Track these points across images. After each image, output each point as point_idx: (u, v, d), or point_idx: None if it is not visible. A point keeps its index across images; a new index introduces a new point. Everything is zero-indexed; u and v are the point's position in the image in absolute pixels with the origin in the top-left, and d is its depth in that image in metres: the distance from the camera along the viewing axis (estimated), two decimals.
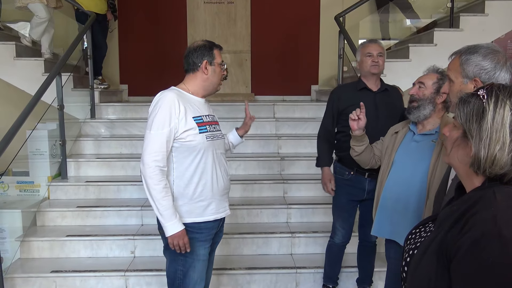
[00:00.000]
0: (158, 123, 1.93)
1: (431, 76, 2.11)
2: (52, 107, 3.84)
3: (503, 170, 0.96)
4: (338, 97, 2.75)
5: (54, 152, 3.93)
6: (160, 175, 1.93)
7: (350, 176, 2.71)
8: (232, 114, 4.70)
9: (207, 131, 2.04)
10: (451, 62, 1.50)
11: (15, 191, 3.72)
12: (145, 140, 1.97)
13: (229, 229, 3.39)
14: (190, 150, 1.99)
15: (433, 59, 4.58)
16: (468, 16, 4.71)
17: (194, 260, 2.06)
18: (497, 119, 0.95)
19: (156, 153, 1.93)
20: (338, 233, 2.83)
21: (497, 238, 0.87)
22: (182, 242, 1.97)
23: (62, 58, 3.96)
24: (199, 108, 2.06)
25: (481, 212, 0.92)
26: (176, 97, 1.97)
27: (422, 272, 1.00)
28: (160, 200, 1.92)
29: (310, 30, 5.99)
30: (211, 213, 2.08)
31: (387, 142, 2.29)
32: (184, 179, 2.01)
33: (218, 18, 5.91)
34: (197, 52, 2.07)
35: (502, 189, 0.96)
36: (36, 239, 3.28)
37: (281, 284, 3.11)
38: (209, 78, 2.08)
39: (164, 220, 1.95)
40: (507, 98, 0.96)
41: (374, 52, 2.62)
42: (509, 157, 0.94)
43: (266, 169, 4.08)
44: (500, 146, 0.94)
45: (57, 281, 3.02)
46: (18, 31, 5.11)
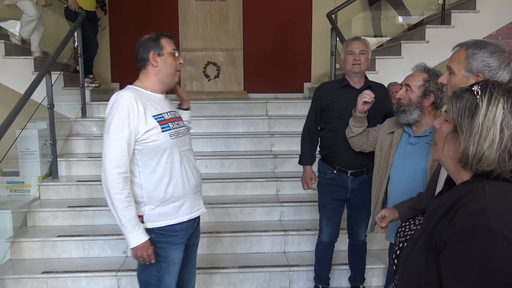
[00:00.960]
0: (117, 126, 1.81)
1: (418, 78, 2.07)
2: (42, 106, 3.80)
3: (490, 167, 0.95)
4: (321, 94, 2.74)
5: (45, 151, 3.89)
6: (122, 183, 1.81)
7: (333, 175, 2.70)
8: (224, 112, 4.69)
9: (170, 128, 1.94)
10: (455, 53, 1.47)
11: (5, 191, 3.68)
12: (104, 145, 1.84)
13: (221, 228, 3.39)
14: (154, 151, 1.89)
15: (425, 56, 4.62)
16: (459, 13, 4.73)
17: (169, 265, 1.97)
18: (489, 116, 0.95)
19: (117, 159, 1.81)
20: (324, 232, 2.83)
21: (485, 230, 0.88)
22: (146, 253, 1.87)
23: (52, 57, 3.92)
24: (158, 105, 1.96)
25: (469, 205, 0.93)
26: (133, 96, 1.86)
27: (412, 264, 1.01)
28: (122, 210, 1.81)
29: (303, 28, 5.98)
30: (185, 213, 1.99)
31: (382, 140, 2.26)
32: (152, 182, 1.90)
33: (210, 16, 5.87)
34: (142, 46, 1.96)
35: (491, 183, 0.96)
36: (27, 240, 3.24)
37: (274, 283, 3.10)
38: (161, 70, 1.96)
39: (126, 231, 1.83)
40: (500, 96, 0.95)
41: (356, 50, 2.60)
42: (497, 155, 0.94)
43: (259, 167, 4.07)
44: (489, 144, 0.94)
45: (48, 282, 2.99)
46: (7, 29, 5.05)
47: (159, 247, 1.93)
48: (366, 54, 2.63)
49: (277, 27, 5.96)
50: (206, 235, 3.29)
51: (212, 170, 4.04)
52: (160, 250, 1.94)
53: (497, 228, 0.87)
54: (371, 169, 2.63)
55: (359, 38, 2.71)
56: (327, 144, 2.72)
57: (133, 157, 1.88)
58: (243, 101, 5.00)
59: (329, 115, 2.68)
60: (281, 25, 5.97)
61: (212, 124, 4.50)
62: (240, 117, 4.59)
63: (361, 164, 2.63)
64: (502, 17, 4.72)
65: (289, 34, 5.96)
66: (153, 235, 1.92)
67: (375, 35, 6.00)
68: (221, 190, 3.80)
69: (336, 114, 2.63)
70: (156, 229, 1.93)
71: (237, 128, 4.52)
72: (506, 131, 0.94)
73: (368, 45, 2.68)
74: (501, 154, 0.94)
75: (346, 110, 2.49)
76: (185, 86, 5.83)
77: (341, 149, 2.63)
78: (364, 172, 2.66)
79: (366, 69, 2.65)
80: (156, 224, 1.92)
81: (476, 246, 0.88)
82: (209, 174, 3.98)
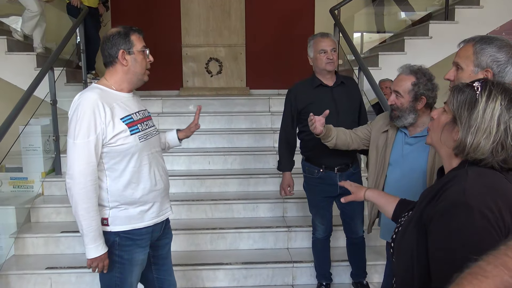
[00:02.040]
0: (83, 131, 1.70)
1: (405, 82, 2.00)
2: (45, 102, 3.80)
3: (483, 156, 1.06)
4: (295, 96, 2.70)
5: (48, 147, 3.89)
6: (90, 192, 1.73)
7: (320, 174, 2.69)
8: (227, 108, 4.69)
9: (139, 130, 1.84)
10: (462, 49, 1.48)
11: (8, 187, 3.69)
12: (69, 151, 1.74)
13: (225, 224, 3.39)
14: (122, 155, 1.79)
15: (428, 52, 4.63)
16: (463, 8, 4.70)
17: (132, 266, 1.90)
18: (487, 111, 1.05)
19: (85, 166, 1.71)
20: (318, 229, 2.83)
21: (463, 207, 0.99)
22: (102, 264, 1.80)
23: (55, 53, 3.91)
24: (127, 105, 1.85)
25: (453, 186, 1.05)
26: (98, 98, 1.74)
27: (406, 242, 1.13)
28: (88, 219, 1.72)
29: (305, 23, 5.95)
30: (151, 217, 1.92)
31: (377, 139, 2.20)
32: (119, 186, 1.82)
33: (212, 11, 5.85)
34: (111, 42, 1.82)
35: (474, 168, 1.07)
36: (30, 236, 3.25)
37: (277, 279, 3.10)
38: (130, 69, 1.85)
39: (88, 241, 1.75)
40: (499, 94, 1.05)
41: (328, 48, 2.57)
42: (491, 146, 1.05)
43: (261, 163, 4.07)
44: (486, 136, 1.05)
45: (52, 278, 3.00)
46: (10, 25, 5.04)
47: (124, 250, 1.87)
48: (337, 51, 2.63)
49: (279, 23, 5.94)
50: (210, 231, 3.29)
51: (215, 166, 4.03)
52: (124, 253, 1.87)
53: (475, 205, 0.98)
54: (353, 161, 2.68)
55: (328, 34, 2.66)
56: (310, 145, 2.68)
57: (100, 161, 1.78)
58: (245, 97, 4.99)
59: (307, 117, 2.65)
60: (284, 21, 5.95)
61: (215, 120, 4.50)
62: (243, 113, 4.58)
63: (347, 159, 2.64)
64: (505, 12, 4.69)
65: (292, 30, 5.94)
66: (118, 238, 1.85)
67: (378, 31, 5.99)
68: (224, 186, 3.80)
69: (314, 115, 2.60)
70: (121, 233, 1.85)
71: (240, 124, 4.52)
72: (502, 125, 1.04)
73: (336, 42, 2.68)
74: (495, 145, 1.05)
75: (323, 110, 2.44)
76: (187, 82, 5.82)
77: (324, 150, 2.56)
78: (349, 166, 2.67)
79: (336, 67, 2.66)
80: (121, 228, 1.85)
81: (456, 221, 0.99)
82: (212, 170, 3.98)
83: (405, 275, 1.13)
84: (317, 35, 2.66)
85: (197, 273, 3.05)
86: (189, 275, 3.03)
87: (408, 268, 1.11)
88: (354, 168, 2.73)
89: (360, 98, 2.76)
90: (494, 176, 1.06)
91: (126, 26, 1.88)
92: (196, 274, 3.05)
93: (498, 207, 0.98)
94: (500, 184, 1.04)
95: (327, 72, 2.61)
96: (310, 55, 2.67)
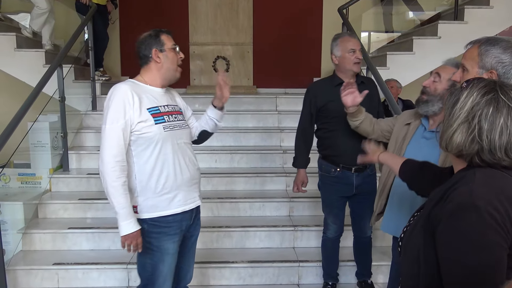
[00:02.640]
0: (113, 116, 1.88)
1: (449, 71, 1.97)
2: (53, 99, 3.82)
3: (457, 150, 1.10)
4: (314, 94, 2.69)
5: (56, 144, 3.92)
6: (118, 171, 1.87)
7: (337, 173, 2.67)
8: (234, 106, 4.68)
9: (164, 121, 1.98)
10: (468, 51, 1.47)
11: (16, 183, 3.71)
12: (102, 136, 1.91)
13: (231, 222, 3.40)
14: (147, 142, 1.94)
15: (437, 52, 4.60)
16: (473, 8, 4.67)
17: (163, 254, 2.01)
18: (461, 105, 1.09)
19: (113, 148, 1.87)
20: (330, 228, 2.82)
21: (471, 208, 0.99)
22: (135, 242, 1.91)
23: (64, 50, 3.93)
24: (156, 98, 2.01)
25: (460, 187, 1.05)
26: (129, 88, 1.93)
27: (413, 243, 1.14)
28: (117, 197, 1.86)
29: (313, 22, 5.94)
30: (178, 205, 2.02)
31: (398, 131, 2.19)
32: (145, 173, 1.96)
33: (220, 10, 5.85)
34: (144, 44, 2.02)
35: (482, 170, 1.08)
36: (38, 231, 3.27)
37: (283, 278, 3.10)
38: (163, 65, 2.03)
39: (120, 219, 1.89)
40: (476, 89, 1.08)
41: (357, 48, 2.55)
42: (462, 138, 1.08)
43: (268, 162, 4.07)
44: (453, 128, 1.09)
45: (59, 274, 3.02)
46: (19, 22, 5.08)
47: (152, 237, 1.98)
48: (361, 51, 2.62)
49: (287, 21, 5.93)
50: (216, 230, 3.30)
51: (222, 164, 4.04)
52: (153, 240, 1.99)
53: (482, 206, 0.98)
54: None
55: (354, 34, 2.67)
56: (327, 143, 2.68)
57: (128, 148, 1.93)
58: (252, 96, 4.99)
59: (326, 115, 2.64)
60: (291, 19, 5.94)
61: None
62: (250, 112, 4.59)
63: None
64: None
65: (299, 28, 5.93)
66: (145, 225, 1.97)
67: (386, 31, 5.96)
68: (231, 184, 3.81)
69: (334, 114, 2.59)
70: (148, 220, 1.97)
71: (247, 123, 4.52)
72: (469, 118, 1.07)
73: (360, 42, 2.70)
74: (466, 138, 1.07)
75: (343, 108, 2.44)
76: (194, 81, 5.83)
77: (342, 148, 2.61)
78: (366, 167, 2.65)
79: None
80: (148, 215, 1.97)
81: (464, 223, 0.99)
82: (218, 168, 3.99)
83: (411, 274, 1.15)
84: (345, 34, 2.65)
85: (203, 271, 3.06)
86: (195, 272, 2.99)
87: (414, 268, 1.12)
88: (371, 170, 2.71)
89: (378, 98, 2.75)
90: (503, 179, 1.06)
91: (156, 28, 2.08)
92: (202, 272, 3.06)
93: (504, 208, 0.99)
94: (509, 186, 1.05)
95: (353, 72, 2.59)
96: (336, 53, 2.61)
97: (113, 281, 3.04)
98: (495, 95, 1.06)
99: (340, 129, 2.56)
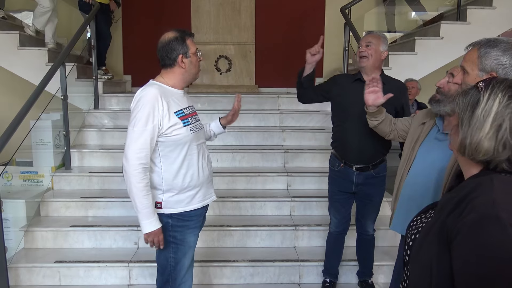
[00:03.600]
0: (142, 120, 1.92)
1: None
2: (55, 97, 3.83)
3: (486, 157, 1.02)
4: (334, 82, 2.73)
5: (58, 142, 3.93)
6: (142, 173, 1.93)
7: (340, 168, 2.71)
8: None
9: (189, 123, 2.05)
10: (468, 53, 1.47)
11: (19, 181, 3.73)
12: (128, 137, 1.96)
13: (232, 221, 3.40)
14: (176, 144, 2.00)
15: (439, 53, 4.59)
16: (475, 9, 4.66)
17: (186, 247, 2.11)
18: (486, 108, 1.02)
19: (139, 150, 1.92)
20: (332, 222, 2.87)
21: (494, 220, 0.93)
22: (157, 239, 2.00)
23: (66, 48, 3.94)
24: (179, 101, 2.05)
25: (480, 196, 0.98)
26: (158, 93, 1.95)
27: (424, 253, 1.06)
28: (141, 198, 1.93)
29: (315, 22, 5.94)
30: (199, 200, 2.12)
31: (414, 131, 2.16)
32: (172, 172, 2.02)
33: (223, 9, 5.86)
34: (169, 47, 2.01)
35: (499, 176, 1.02)
36: (40, 229, 3.28)
37: (284, 277, 3.11)
38: (187, 71, 2.06)
39: (142, 218, 1.96)
40: (500, 91, 1.01)
41: (363, 43, 2.53)
42: (491, 144, 1.01)
43: (270, 162, 4.07)
44: (483, 134, 1.01)
45: (61, 271, 3.03)
46: (22, 20, 5.08)
47: (176, 230, 2.07)
48: (375, 46, 2.50)
49: (289, 21, 5.93)
50: (217, 228, 3.31)
51: (223, 163, 4.05)
52: (177, 234, 2.07)
53: (506, 218, 0.92)
54: (378, 164, 2.64)
55: (372, 31, 2.63)
56: (336, 136, 2.74)
57: (155, 149, 1.99)
58: (254, 95, 4.99)
59: (337, 108, 2.67)
60: (294, 19, 5.94)
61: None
62: (252, 111, 4.59)
63: (367, 160, 2.62)
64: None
65: (302, 28, 5.92)
66: (170, 220, 2.05)
67: (389, 31, 5.95)
68: (232, 183, 3.81)
69: (344, 108, 2.61)
70: (173, 215, 2.05)
71: (249, 122, 4.52)
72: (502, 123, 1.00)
73: (380, 38, 2.55)
74: (496, 144, 1.00)
75: (354, 104, 2.47)
76: (196, 80, 5.82)
77: (347, 144, 2.63)
78: (369, 168, 2.64)
79: (377, 62, 2.52)
80: (173, 210, 2.05)
81: (486, 235, 0.93)
82: (220, 167, 3.99)
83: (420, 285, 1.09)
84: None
85: (204, 269, 3.07)
86: (196, 271, 3.03)
87: (425, 278, 1.06)
88: (376, 172, 2.65)
89: (399, 100, 2.54)
90: None
91: (179, 29, 2.05)
92: (203, 270, 3.07)
93: None
94: None
95: (362, 68, 2.56)
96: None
97: (114, 279, 3.05)
98: None
99: (348, 125, 2.58)
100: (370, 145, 2.55)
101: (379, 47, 2.52)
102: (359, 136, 2.54)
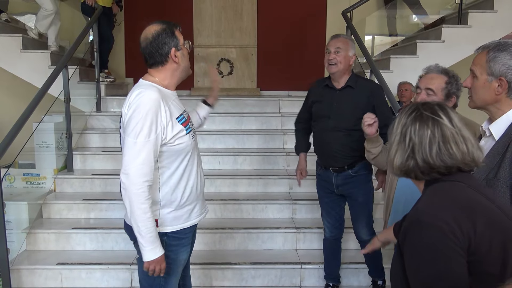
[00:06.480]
0: (145, 131, 1.65)
1: (439, 80, 1.95)
2: (58, 100, 3.85)
3: (400, 170, 1.20)
4: (310, 92, 2.77)
5: (60, 144, 3.94)
6: (147, 192, 1.67)
7: (321, 170, 2.76)
8: (237, 108, 4.70)
9: (190, 130, 1.84)
10: (477, 57, 1.45)
11: (21, 183, 3.74)
12: (128, 150, 1.67)
13: (234, 224, 3.41)
14: (177, 154, 1.77)
15: (440, 56, 4.60)
16: (477, 12, 4.67)
17: (178, 266, 1.90)
18: (393, 130, 1.23)
19: (142, 166, 1.66)
20: (325, 227, 2.87)
21: (418, 224, 1.09)
22: (159, 268, 1.75)
23: (69, 51, 3.96)
24: (178, 104, 1.84)
25: (413, 208, 1.16)
26: (159, 98, 1.70)
27: (393, 264, 1.25)
28: (145, 221, 1.67)
29: (317, 25, 5.95)
30: (196, 215, 1.92)
31: None
32: (171, 185, 1.79)
33: (225, 12, 5.88)
34: (159, 41, 1.76)
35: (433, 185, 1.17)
36: (42, 231, 3.29)
37: (285, 280, 3.11)
38: (180, 65, 1.83)
39: (145, 243, 1.70)
40: (402, 113, 1.21)
41: (331, 48, 2.49)
42: (400, 158, 1.18)
43: (271, 165, 4.08)
44: (394, 152, 1.21)
45: (63, 273, 3.04)
46: (25, 23, 5.12)
47: (170, 250, 1.84)
48: (344, 52, 2.47)
49: (291, 24, 5.95)
50: (219, 231, 3.31)
51: (225, 166, 4.05)
52: (171, 253, 1.84)
53: (426, 221, 1.07)
54: (354, 164, 2.63)
55: (339, 35, 2.57)
56: (313, 141, 2.79)
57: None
58: (256, 98, 5.01)
59: (314, 115, 2.72)
60: (295, 22, 5.95)
61: (225, 120, 4.52)
62: (253, 114, 4.60)
63: (341, 162, 2.63)
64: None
65: (303, 31, 5.94)
66: (165, 239, 1.82)
67: (390, 34, 5.97)
68: (234, 186, 3.82)
69: (317, 114, 2.67)
70: (170, 233, 1.83)
71: (250, 125, 4.53)
72: (402, 137, 1.19)
73: (348, 42, 2.52)
74: (403, 157, 1.18)
75: (323, 110, 2.56)
76: (198, 83, 5.85)
77: (320, 148, 2.70)
78: (345, 169, 2.64)
79: (346, 68, 2.51)
80: (170, 228, 1.83)
81: (413, 238, 1.09)
82: (221, 170, 4.00)
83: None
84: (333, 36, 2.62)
85: (205, 272, 3.07)
86: (198, 274, 3.04)
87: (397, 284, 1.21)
88: (354, 171, 2.64)
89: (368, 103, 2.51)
90: (451, 188, 1.13)
91: (164, 21, 1.82)
92: (204, 273, 3.07)
93: (454, 217, 1.05)
94: (458, 193, 1.12)
95: (332, 74, 2.55)
96: None
97: (116, 281, 3.05)
98: (418, 112, 1.17)
99: (319, 130, 2.65)
100: (340, 148, 2.58)
101: (348, 52, 2.51)
102: (329, 139, 2.59)
